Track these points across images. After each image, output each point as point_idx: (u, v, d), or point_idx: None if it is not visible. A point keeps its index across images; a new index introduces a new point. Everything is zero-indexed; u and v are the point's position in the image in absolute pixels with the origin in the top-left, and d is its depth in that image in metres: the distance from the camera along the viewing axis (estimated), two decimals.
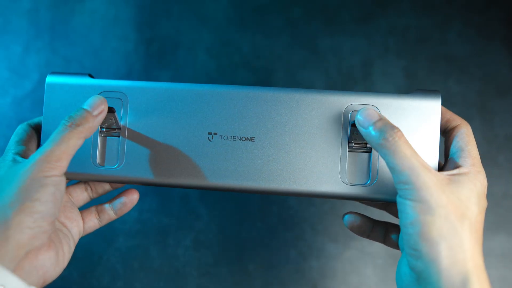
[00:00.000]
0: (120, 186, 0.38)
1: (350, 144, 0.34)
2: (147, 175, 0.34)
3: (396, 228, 0.36)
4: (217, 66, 0.56)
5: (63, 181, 0.29)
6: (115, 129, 0.35)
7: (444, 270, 0.26)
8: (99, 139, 0.35)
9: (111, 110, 0.33)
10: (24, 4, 0.57)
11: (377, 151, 0.29)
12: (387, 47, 0.55)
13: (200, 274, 0.51)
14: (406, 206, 0.28)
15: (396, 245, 0.35)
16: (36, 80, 0.56)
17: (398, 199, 0.29)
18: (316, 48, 0.56)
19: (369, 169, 0.34)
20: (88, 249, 0.52)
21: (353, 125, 0.32)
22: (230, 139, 0.34)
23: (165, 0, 0.57)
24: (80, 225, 0.35)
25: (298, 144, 0.34)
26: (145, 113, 0.35)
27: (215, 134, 0.34)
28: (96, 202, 0.38)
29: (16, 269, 0.27)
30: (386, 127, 0.29)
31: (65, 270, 0.51)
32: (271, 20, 0.56)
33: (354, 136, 0.33)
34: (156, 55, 0.56)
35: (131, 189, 0.37)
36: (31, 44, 0.57)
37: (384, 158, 0.29)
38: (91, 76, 0.36)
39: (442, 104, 0.33)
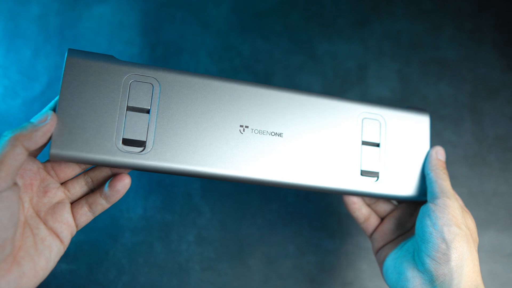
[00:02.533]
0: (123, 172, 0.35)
1: (363, 146, 0.37)
2: (173, 163, 0.32)
3: (376, 218, 0.41)
4: (219, 69, 0.56)
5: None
6: (142, 110, 0.33)
7: (465, 276, 0.31)
8: (125, 122, 0.32)
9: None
10: (33, 10, 0.58)
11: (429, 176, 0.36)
12: (382, 51, 0.56)
13: (202, 269, 0.52)
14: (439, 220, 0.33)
15: (368, 234, 0.41)
16: (45, 83, 0.56)
17: (429, 212, 0.34)
18: (313, 52, 0.56)
19: (379, 168, 0.37)
20: (95, 245, 0.52)
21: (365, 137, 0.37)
22: (260, 132, 0.35)
23: (169, 6, 0.57)
24: (72, 225, 0.32)
25: (321, 143, 0.36)
26: (176, 100, 0.33)
27: (247, 127, 0.34)
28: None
29: None
30: (439, 167, 0.37)
31: (73, 264, 0.52)
32: (270, 25, 0.57)
33: (366, 142, 0.37)
34: (160, 59, 0.56)
35: (122, 175, 0.33)
36: (41, 48, 0.57)
37: (436, 182, 0.35)
38: (114, 57, 0.33)
39: (435, 106, 0.38)
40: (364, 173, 0.36)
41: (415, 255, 0.34)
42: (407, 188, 0.37)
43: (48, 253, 0.29)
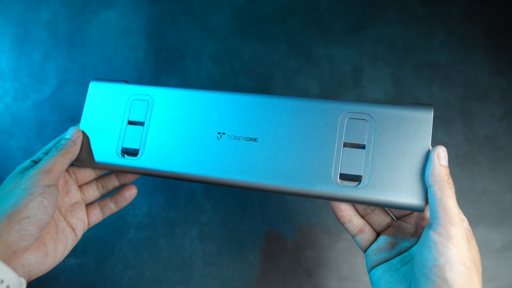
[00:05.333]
0: (128, 182, 0.40)
1: (345, 149, 0.34)
2: (162, 167, 0.36)
3: (371, 232, 0.36)
4: (220, 72, 0.56)
5: (52, 191, 0.32)
6: (139, 124, 0.37)
7: None
8: (125, 132, 0.37)
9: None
10: (43, 16, 0.58)
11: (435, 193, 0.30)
12: (376, 55, 0.56)
13: (204, 263, 0.52)
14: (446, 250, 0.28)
15: (363, 249, 0.36)
16: (54, 86, 0.57)
17: (430, 244, 0.29)
18: (311, 56, 0.56)
19: (362, 172, 0.33)
20: (102, 240, 0.53)
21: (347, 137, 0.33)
22: (236, 138, 0.35)
23: (173, 12, 0.58)
24: (85, 222, 0.38)
25: (297, 146, 0.34)
26: (165, 113, 0.37)
27: (224, 134, 0.36)
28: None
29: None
30: (444, 176, 0.30)
31: (81, 259, 0.53)
32: (270, 30, 0.57)
33: (348, 144, 0.34)
34: (164, 63, 0.57)
35: (130, 185, 0.40)
36: (50, 52, 0.58)
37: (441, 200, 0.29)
38: (127, 82, 0.38)
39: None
40: (343, 176, 0.33)
41: (412, 285, 0.30)
42: (398, 194, 0.32)
43: (65, 241, 0.35)
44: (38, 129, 0.56)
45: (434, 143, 0.53)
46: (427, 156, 0.32)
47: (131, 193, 0.39)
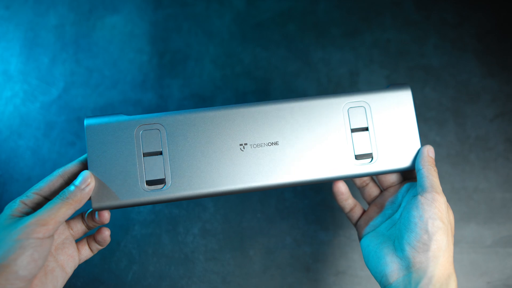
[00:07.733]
0: (105, 221, 0.37)
1: (353, 134, 0.38)
2: (192, 190, 0.35)
3: (360, 208, 0.43)
4: (222, 75, 0.57)
5: (46, 243, 0.30)
6: (155, 153, 0.36)
7: (440, 265, 0.33)
8: (144, 166, 0.35)
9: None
10: (51, 20, 0.59)
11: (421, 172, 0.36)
12: (372, 59, 0.57)
13: (206, 259, 0.52)
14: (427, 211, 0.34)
15: (353, 222, 0.42)
16: (61, 88, 0.57)
17: (417, 204, 0.34)
18: (308, 59, 0.57)
19: (371, 150, 0.38)
20: None
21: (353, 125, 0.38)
22: (258, 146, 0.36)
23: (176, 17, 0.59)
24: (76, 259, 0.36)
25: (315, 141, 0.37)
26: (181, 137, 0.36)
27: (245, 144, 0.36)
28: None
29: None
30: (430, 163, 0.37)
31: None
32: (269, 35, 0.58)
33: (355, 129, 0.38)
34: (168, 66, 0.57)
35: (102, 228, 0.38)
36: (58, 56, 0.58)
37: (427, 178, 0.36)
38: (122, 114, 0.36)
39: (421, 109, 0.37)
40: (358, 157, 0.38)
41: (396, 242, 0.35)
42: (401, 160, 0.38)
43: (55, 282, 0.33)
44: (46, 130, 0.56)
45: (428, 142, 0.54)
46: (415, 125, 0.38)
47: (102, 236, 0.37)
